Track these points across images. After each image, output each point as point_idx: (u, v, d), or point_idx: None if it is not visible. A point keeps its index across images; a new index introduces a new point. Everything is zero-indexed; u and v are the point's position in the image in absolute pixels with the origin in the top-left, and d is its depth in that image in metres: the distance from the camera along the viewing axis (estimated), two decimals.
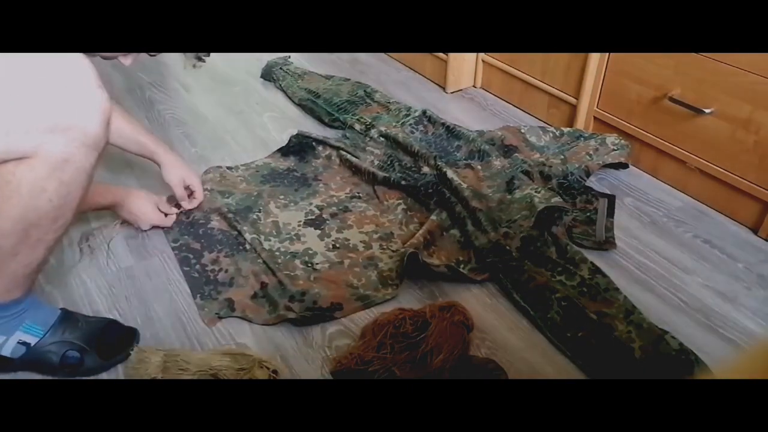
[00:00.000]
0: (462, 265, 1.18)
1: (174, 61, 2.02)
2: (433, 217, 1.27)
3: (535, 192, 1.31)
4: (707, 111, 1.27)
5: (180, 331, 1.05)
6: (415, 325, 1.02)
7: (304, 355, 1.01)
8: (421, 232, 1.22)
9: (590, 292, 1.11)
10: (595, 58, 1.46)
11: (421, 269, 1.14)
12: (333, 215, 1.32)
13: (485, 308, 1.11)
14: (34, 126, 0.75)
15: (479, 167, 1.45)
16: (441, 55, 1.83)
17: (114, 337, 0.99)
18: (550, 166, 1.43)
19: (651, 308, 1.10)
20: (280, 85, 1.86)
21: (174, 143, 1.57)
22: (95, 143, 0.79)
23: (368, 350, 0.98)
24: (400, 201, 1.36)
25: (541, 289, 1.11)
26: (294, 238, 1.25)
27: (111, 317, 1.05)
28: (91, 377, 0.95)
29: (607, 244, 1.24)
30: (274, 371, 0.95)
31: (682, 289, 1.15)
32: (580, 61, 1.51)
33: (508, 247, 1.19)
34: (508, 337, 1.05)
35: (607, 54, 1.44)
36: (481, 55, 1.82)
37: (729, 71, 1.22)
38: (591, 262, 1.17)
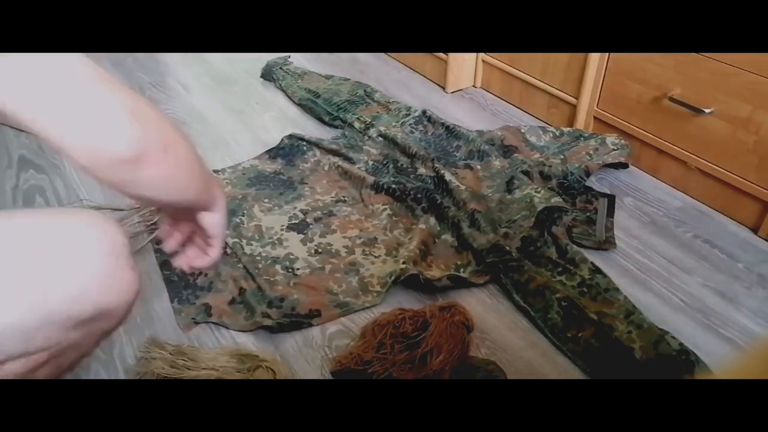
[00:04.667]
0: (462, 269, 1.18)
1: (174, 61, 2.02)
2: (422, 225, 1.25)
3: (535, 192, 1.31)
4: (707, 111, 1.27)
5: (180, 331, 1.05)
6: (415, 325, 1.02)
7: (304, 355, 1.01)
8: (414, 244, 1.19)
9: (590, 292, 1.11)
10: (595, 58, 1.46)
11: (423, 286, 1.13)
12: (317, 219, 1.30)
13: (485, 308, 1.11)
14: (50, 326, 0.58)
15: (479, 167, 1.45)
16: (441, 55, 1.83)
17: None
18: (550, 166, 1.43)
19: (651, 308, 1.10)
20: (280, 85, 1.86)
21: None
22: (111, 330, 0.67)
23: (368, 350, 0.98)
24: (386, 206, 1.33)
25: (541, 289, 1.11)
26: (276, 242, 1.23)
27: None
28: (92, 377, 0.95)
29: (607, 244, 1.24)
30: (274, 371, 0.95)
31: (682, 289, 1.15)
32: (580, 61, 1.50)
33: (507, 248, 1.19)
34: (508, 337, 1.05)
35: (607, 54, 1.44)
36: (481, 55, 1.82)
37: (729, 71, 1.22)
38: (591, 262, 1.17)
